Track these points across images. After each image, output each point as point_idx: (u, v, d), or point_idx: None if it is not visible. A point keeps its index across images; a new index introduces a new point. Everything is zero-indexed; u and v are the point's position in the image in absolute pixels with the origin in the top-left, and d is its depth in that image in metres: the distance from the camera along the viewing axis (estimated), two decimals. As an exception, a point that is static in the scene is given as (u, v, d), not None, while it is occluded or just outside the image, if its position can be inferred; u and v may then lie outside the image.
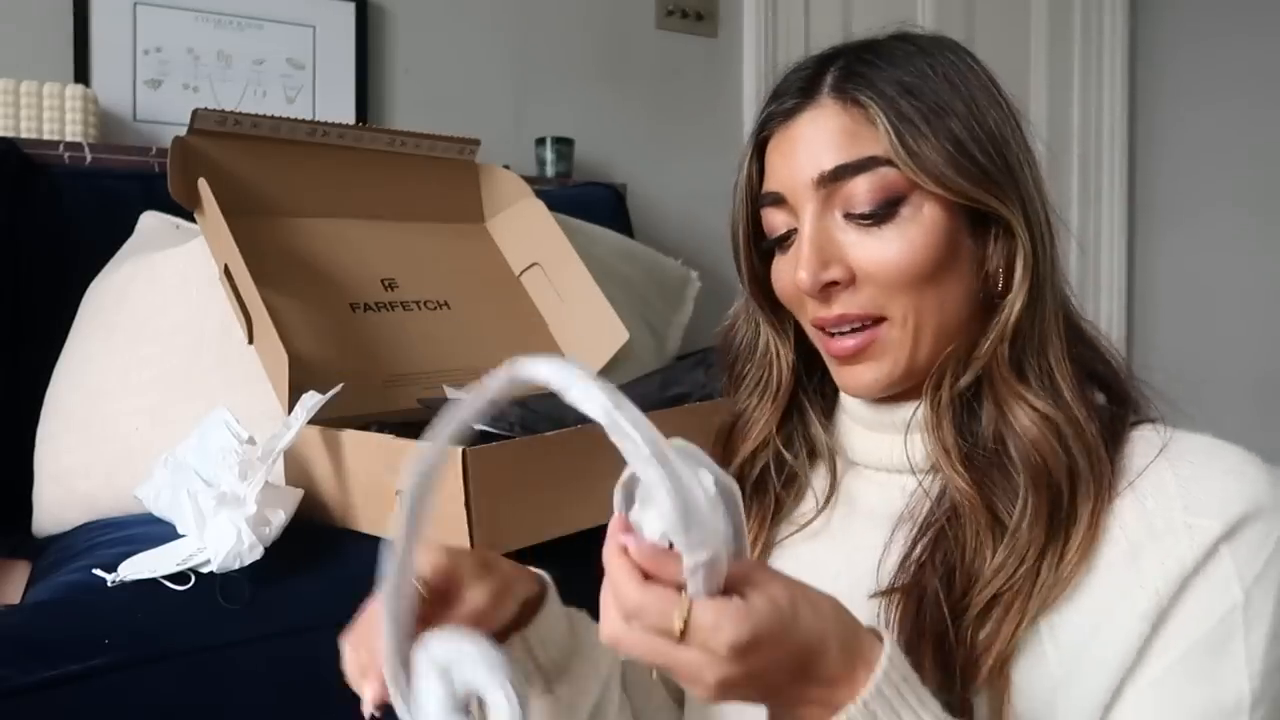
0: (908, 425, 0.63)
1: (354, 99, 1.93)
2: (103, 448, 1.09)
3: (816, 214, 0.61)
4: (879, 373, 0.62)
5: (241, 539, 0.82)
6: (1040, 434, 0.57)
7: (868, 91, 0.60)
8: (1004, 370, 0.59)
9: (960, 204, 0.60)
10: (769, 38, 2.33)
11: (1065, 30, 2.73)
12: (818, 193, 0.61)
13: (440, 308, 1.21)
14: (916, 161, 0.58)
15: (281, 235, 1.14)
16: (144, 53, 1.77)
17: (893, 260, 0.59)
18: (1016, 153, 0.61)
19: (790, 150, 0.62)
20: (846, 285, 0.61)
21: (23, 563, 1.06)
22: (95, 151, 1.52)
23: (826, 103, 0.61)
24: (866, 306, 0.61)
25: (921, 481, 0.62)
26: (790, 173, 0.62)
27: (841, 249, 0.61)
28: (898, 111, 0.59)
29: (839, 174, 0.60)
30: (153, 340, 1.12)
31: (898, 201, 0.59)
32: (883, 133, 0.59)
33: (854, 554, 0.64)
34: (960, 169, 0.59)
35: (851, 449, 0.68)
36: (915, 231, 0.59)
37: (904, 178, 0.59)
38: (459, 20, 2.04)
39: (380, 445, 0.90)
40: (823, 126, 0.61)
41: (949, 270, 0.60)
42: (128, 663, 0.75)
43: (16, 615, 0.83)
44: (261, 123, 1.14)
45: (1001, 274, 0.61)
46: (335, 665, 0.85)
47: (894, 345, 0.61)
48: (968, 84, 0.62)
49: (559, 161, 2.00)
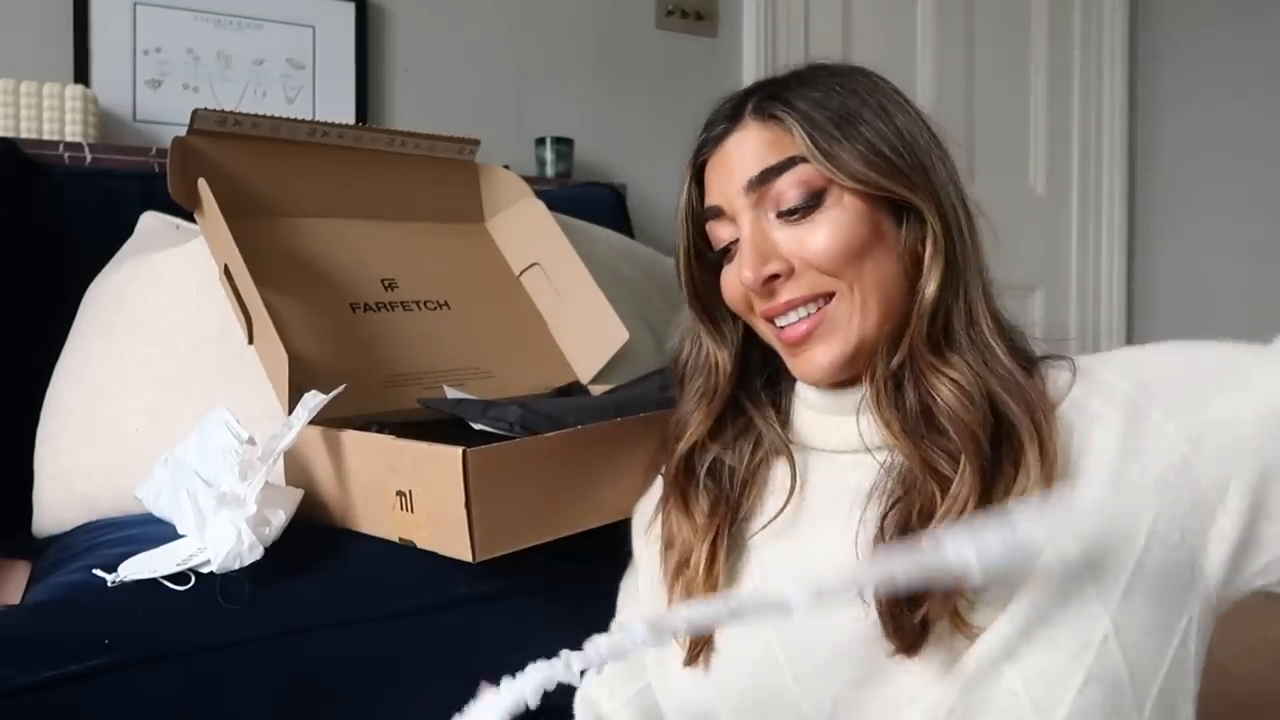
0: (858, 407, 0.69)
1: (354, 99, 1.93)
2: (103, 448, 1.09)
3: (751, 218, 0.69)
4: (832, 353, 0.68)
5: (241, 539, 0.82)
6: (956, 400, 0.64)
7: (783, 108, 0.68)
8: (921, 347, 0.66)
9: (876, 194, 0.67)
10: (769, 38, 2.33)
11: (1065, 30, 2.73)
12: (749, 197, 0.69)
13: (440, 308, 1.21)
14: (830, 160, 0.66)
15: (281, 235, 1.14)
16: (144, 53, 1.78)
17: (823, 243, 0.67)
18: (926, 150, 0.68)
19: (723, 166, 0.71)
20: (788, 276, 0.68)
21: (23, 563, 1.06)
22: (95, 151, 1.52)
23: (750, 123, 0.70)
24: (811, 288, 0.68)
25: (878, 458, 0.67)
26: (724, 185, 0.70)
27: (777, 245, 0.68)
28: (810, 120, 0.67)
29: (765, 177, 0.68)
30: (153, 340, 1.12)
31: (819, 195, 0.67)
32: (798, 139, 0.67)
33: (827, 540, 0.67)
34: (869, 164, 0.66)
35: (812, 437, 0.73)
36: (839, 216, 0.67)
37: (821, 175, 0.67)
38: (459, 20, 2.04)
39: (380, 445, 0.89)
40: (748, 142, 0.69)
41: (877, 251, 0.67)
42: (128, 663, 0.75)
43: (16, 615, 0.83)
44: (261, 123, 1.14)
45: (911, 258, 0.68)
46: (335, 665, 0.85)
47: (845, 318, 0.67)
48: (875, 95, 0.69)
49: (559, 161, 2.00)
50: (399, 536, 0.88)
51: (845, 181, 0.66)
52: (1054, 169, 2.74)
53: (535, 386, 1.19)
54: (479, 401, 1.02)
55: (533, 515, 0.86)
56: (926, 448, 0.63)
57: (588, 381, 1.25)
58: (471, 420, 0.93)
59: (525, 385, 1.18)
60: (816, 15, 2.42)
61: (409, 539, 0.87)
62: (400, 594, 0.88)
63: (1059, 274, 2.76)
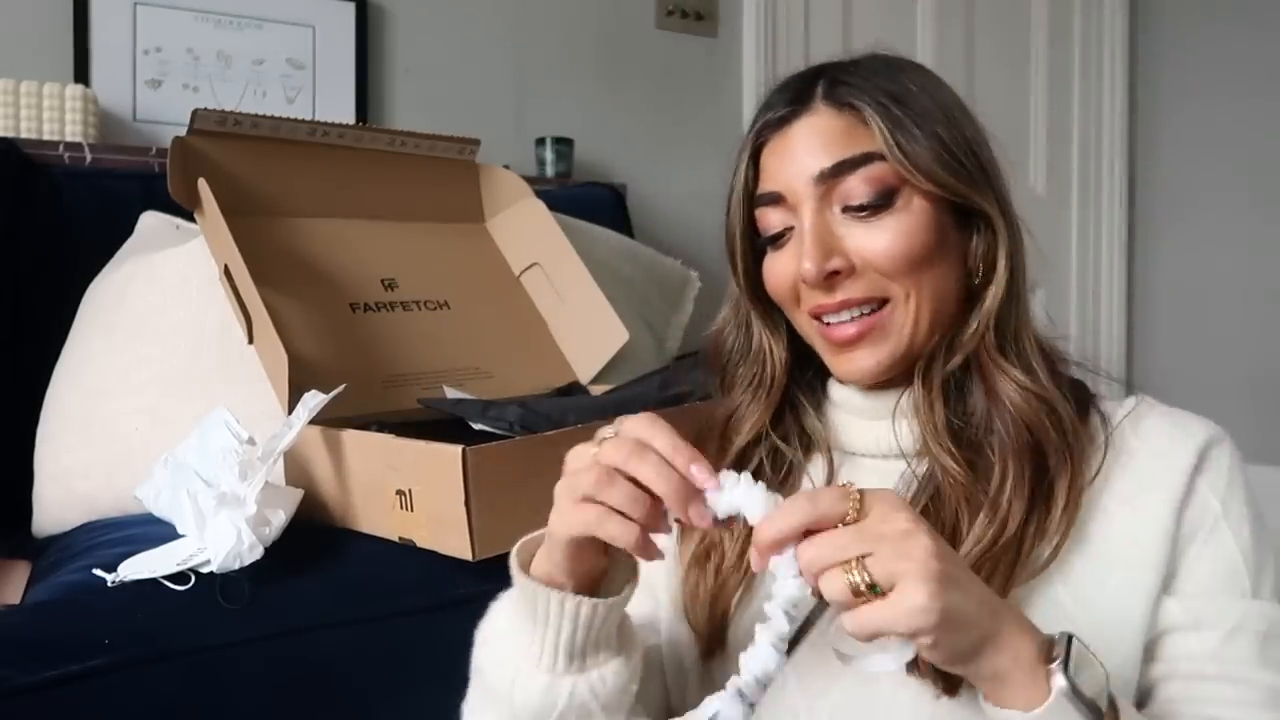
0: (894, 411, 0.67)
1: (354, 99, 1.93)
2: (103, 448, 1.09)
3: (816, 209, 0.65)
4: (879, 356, 0.66)
5: (241, 539, 0.82)
6: (1027, 406, 0.62)
7: (861, 97, 0.65)
8: (991, 352, 0.65)
9: (946, 199, 0.65)
10: (769, 38, 2.33)
11: (1065, 30, 2.73)
12: (817, 189, 0.65)
13: (440, 308, 1.21)
14: (909, 158, 0.64)
15: (281, 235, 1.14)
16: (144, 53, 1.77)
17: (890, 246, 0.64)
18: (989, 158, 0.68)
19: (788, 151, 0.67)
20: (848, 274, 0.65)
21: (23, 563, 1.06)
22: (95, 151, 1.52)
23: (821, 108, 0.66)
24: (869, 290, 0.65)
25: (911, 464, 0.66)
26: (790, 172, 0.66)
27: (841, 241, 0.65)
28: (888, 114, 0.65)
29: (839, 170, 0.64)
30: (153, 340, 1.12)
31: (891, 195, 0.64)
32: (876, 132, 0.64)
33: None
34: (946, 166, 0.64)
35: (844, 440, 0.71)
36: (908, 220, 0.64)
37: (896, 173, 0.64)
38: (459, 20, 2.04)
39: (380, 444, 0.89)
40: (820, 129, 0.66)
41: (941, 257, 0.66)
42: (128, 663, 0.75)
43: (16, 615, 0.83)
44: (261, 123, 1.14)
45: (982, 265, 0.67)
46: (335, 665, 0.85)
47: (897, 326, 0.65)
48: (943, 98, 0.68)
49: (559, 161, 2.00)
50: (399, 535, 0.88)
51: (921, 183, 0.64)
52: (1054, 169, 2.74)
53: (535, 387, 1.19)
54: (479, 401, 1.02)
55: (532, 514, 0.86)
56: (974, 461, 0.62)
57: (588, 381, 1.25)
58: (471, 420, 0.93)
59: (525, 385, 1.18)
60: (816, 15, 2.42)
61: (409, 538, 0.87)
62: (400, 594, 0.88)
63: (1059, 274, 2.76)
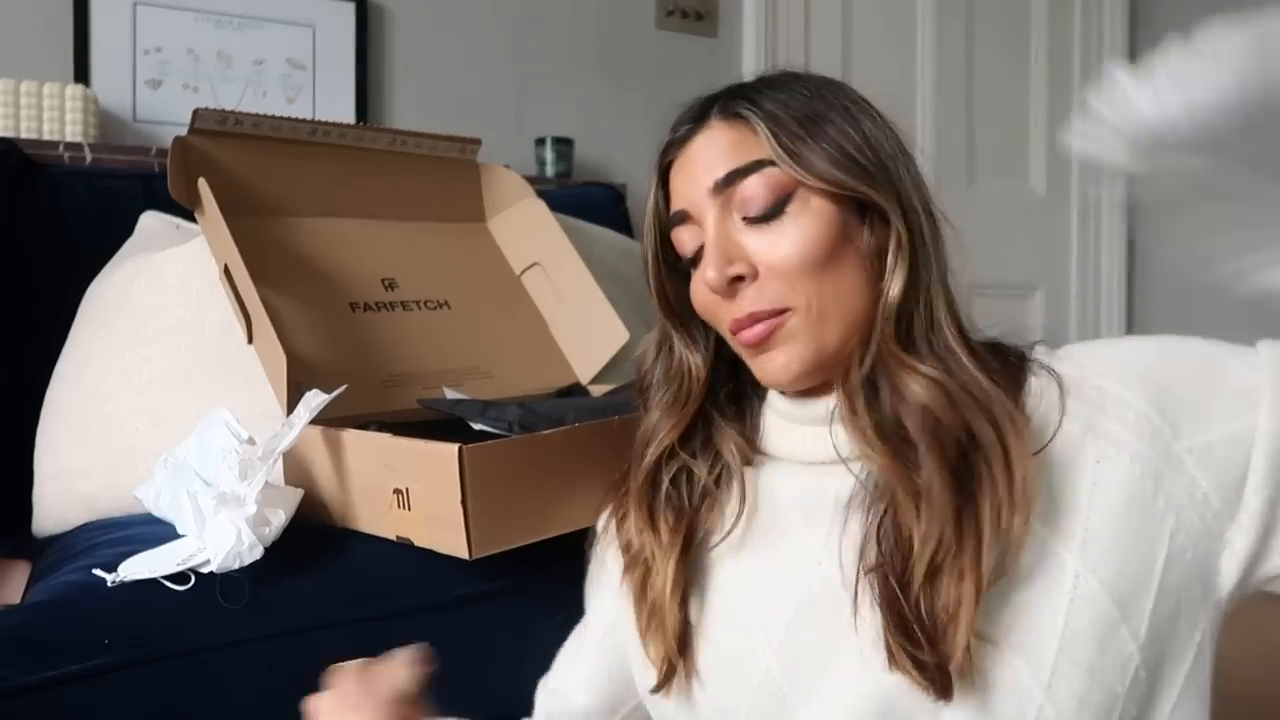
0: (830, 417, 0.67)
1: (354, 99, 1.93)
2: (103, 448, 1.09)
3: (717, 219, 0.67)
4: (790, 355, 0.66)
5: (241, 539, 0.82)
6: (929, 396, 0.62)
7: (748, 107, 0.68)
8: (891, 346, 0.65)
9: (842, 195, 0.66)
10: (769, 38, 2.33)
11: (1065, 30, 2.73)
12: (715, 199, 0.67)
13: (440, 308, 1.21)
14: (796, 160, 0.65)
15: (281, 235, 1.14)
16: (144, 53, 1.78)
17: (789, 250, 0.65)
18: (892, 154, 0.68)
19: (688, 168, 0.70)
20: (751, 280, 0.66)
21: (23, 563, 1.06)
22: (95, 151, 1.52)
23: (715, 124, 0.69)
24: (773, 300, 0.66)
25: (853, 469, 0.65)
26: (690, 188, 0.69)
27: (742, 248, 0.67)
28: (775, 120, 0.66)
29: (731, 179, 0.67)
30: (153, 340, 1.12)
31: (786, 199, 0.66)
32: (764, 139, 0.66)
33: (807, 551, 0.66)
34: (835, 163, 0.65)
35: (782, 448, 0.72)
36: (807, 221, 0.66)
37: (788, 176, 0.65)
38: (459, 20, 2.05)
39: (378, 443, 0.89)
40: (713, 143, 0.69)
41: (842, 257, 0.66)
42: (128, 663, 0.75)
43: (16, 615, 0.82)
44: (262, 123, 1.14)
45: (876, 259, 0.67)
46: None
47: (800, 332, 0.66)
48: (840, 99, 0.69)
49: (559, 161, 2.00)
50: (396, 534, 0.88)
51: (811, 182, 0.65)
52: (1054, 169, 2.74)
53: (535, 387, 1.19)
54: (478, 401, 1.02)
55: (529, 513, 0.86)
56: (901, 457, 0.61)
57: (588, 382, 1.25)
58: (471, 420, 0.93)
59: (525, 385, 1.18)
60: (816, 15, 2.42)
61: (406, 536, 0.87)
62: (400, 594, 0.88)
63: (1059, 274, 2.76)
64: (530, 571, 0.89)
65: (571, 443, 0.88)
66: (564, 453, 0.87)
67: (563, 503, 0.87)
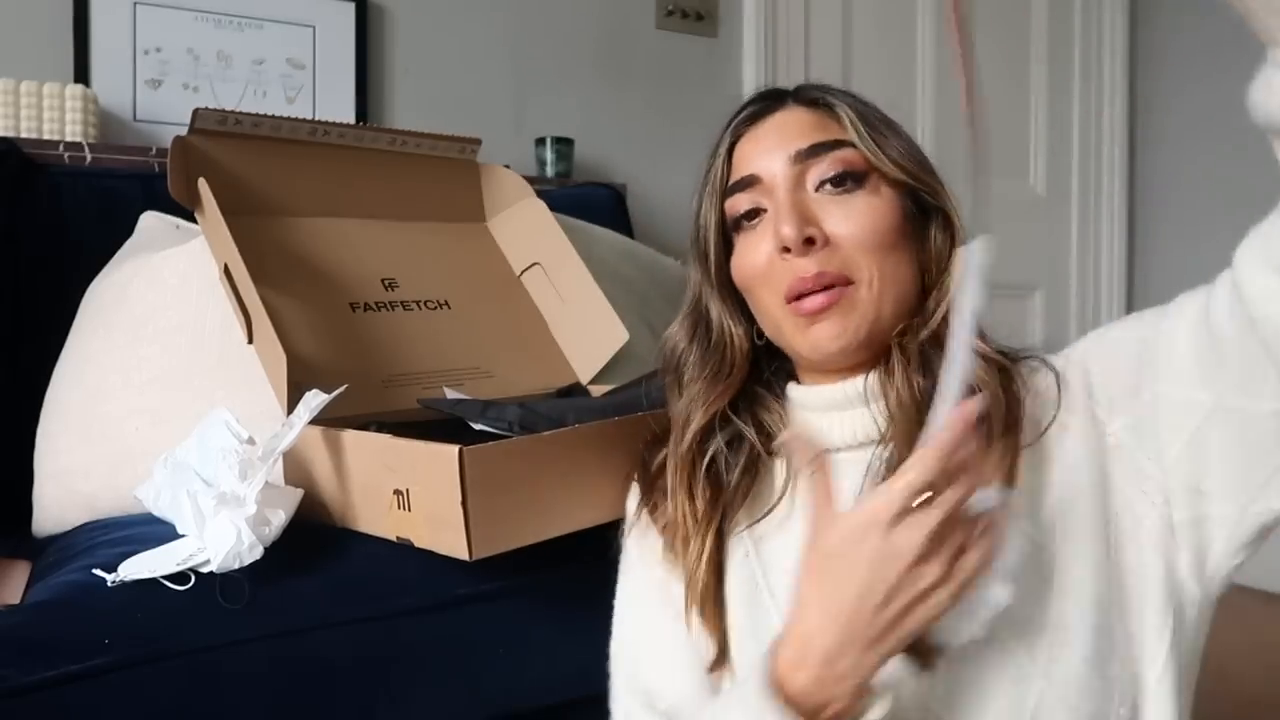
0: (864, 395, 0.70)
1: (354, 99, 1.93)
2: (103, 448, 1.09)
3: (791, 187, 0.70)
4: (844, 325, 0.68)
5: (241, 539, 0.82)
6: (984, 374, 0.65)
7: (830, 97, 0.72)
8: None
9: (910, 191, 0.70)
10: (769, 38, 2.33)
11: (1065, 30, 2.73)
12: (793, 169, 0.70)
13: (440, 308, 1.21)
14: (878, 146, 0.70)
15: (281, 235, 1.14)
16: (144, 53, 1.78)
17: (863, 223, 0.68)
18: (938, 169, 0.73)
19: (765, 139, 0.72)
20: (821, 246, 0.68)
21: (23, 563, 1.06)
22: (95, 151, 1.52)
23: (793, 106, 0.73)
24: (840, 267, 0.68)
25: (877, 450, 0.68)
26: (765, 157, 0.71)
27: (815, 215, 0.69)
28: (857, 111, 0.72)
29: (814, 150, 0.70)
30: (153, 340, 1.12)
31: (861, 178, 0.70)
32: (847, 124, 0.71)
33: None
34: (908, 158, 0.71)
35: (812, 436, 0.72)
36: (879, 203, 0.70)
37: (865, 160, 0.70)
38: (459, 20, 2.05)
39: (378, 444, 0.89)
40: (794, 119, 0.72)
41: (904, 244, 0.70)
42: (128, 663, 0.75)
43: (16, 615, 0.82)
44: (262, 122, 1.14)
45: (939, 259, 0.71)
46: (335, 665, 0.85)
47: (860, 305, 0.68)
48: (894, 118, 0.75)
49: (559, 161, 2.00)
50: (396, 535, 0.88)
51: (889, 169, 0.69)
52: (1054, 169, 2.74)
53: (535, 387, 1.19)
54: (478, 402, 1.02)
55: (530, 514, 0.86)
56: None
57: (588, 381, 1.25)
58: (471, 420, 0.93)
59: (525, 385, 1.18)
60: (816, 15, 2.42)
61: (406, 537, 0.87)
62: (400, 594, 0.88)
63: (1059, 274, 2.76)
64: (530, 572, 0.89)
65: (572, 443, 0.88)
66: (564, 453, 0.87)
67: (563, 503, 0.87)
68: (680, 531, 0.72)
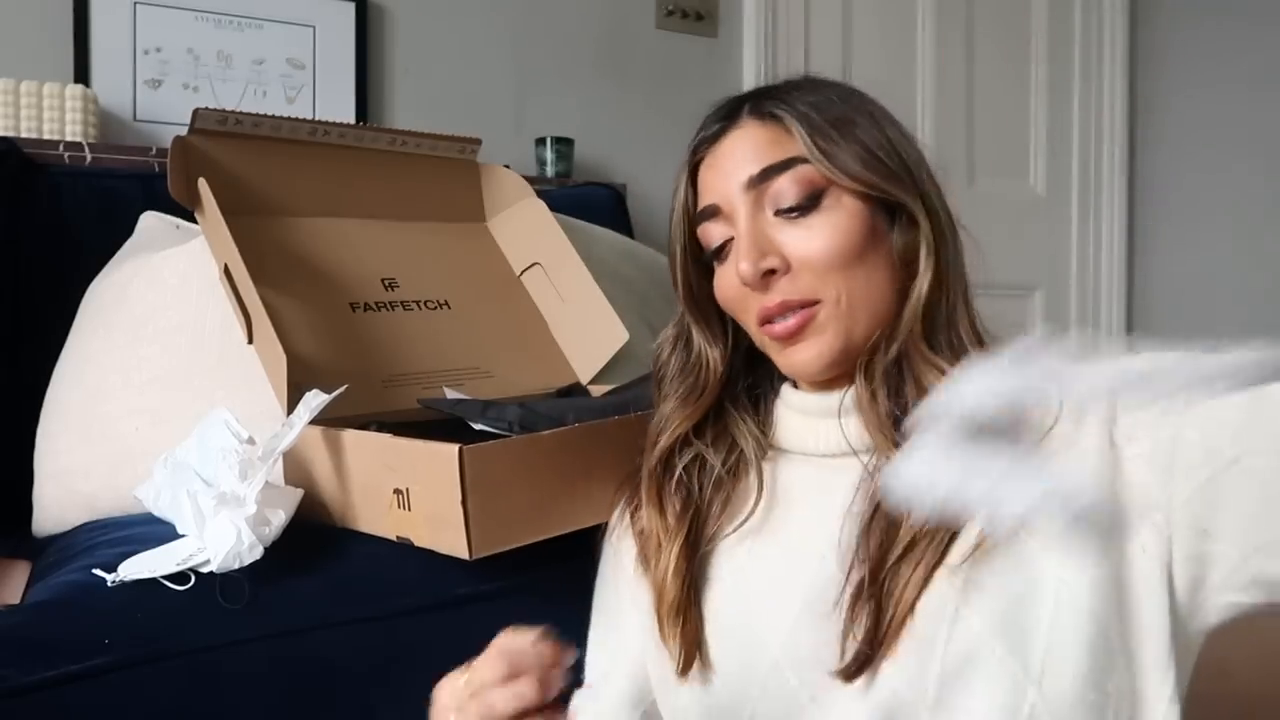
0: (839, 408, 0.69)
1: (354, 99, 1.93)
2: (103, 448, 1.09)
3: (749, 214, 0.69)
4: (820, 347, 0.68)
5: (241, 539, 0.82)
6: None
7: (782, 108, 0.70)
8: (919, 343, 0.67)
9: (873, 197, 0.68)
10: (769, 38, 2.33)
11: (1065, 30, 2.73)
12: (748, 195, 0.69)
13: (440, 307, 1.21)
14: (829, 159, 0.68)
15: (281, 235, 1.14)
16: (144, 53, 1.78)
17: (822, 245, 0.67)
18: (915, 159, 0.71)
19: (720, 164, 0.71)
20: (783, 273, 0.68)
21: (23, 563, 1.06)
22: (95, 151, 1.52)
23: (747, 122, 0.71)
24: (804, 292, 0.68)
25: (863, 460, 0.67)
26: (723, 183, 0.71)
27: (775, 242, 0.69)
28: (809, 121, 0.69)
29: (765, 175, 0.69)
30: (153, 340, 1.12)
31: (819, 195, 0.68)
32: (798, 138, 0.68)
33: (814, 540, 0.67)
34: (866, 164, 0.68)
35: (795, 441, 0.73)
36: (839, 218, 0.68)
37: (821, 174, 0.68)
38: (459, 20, 2.04)
39: (378, 443, 0.89)
40: (747, 140, 0.70)
41: (871, 254, 0.68)
42: (128, 663, 0.75)
43: (16, 615, 0.82)
44: (262, 122, 1.14)
45: (906, 259, 0.69)
46: (335, 665, 0.85)
47: (830, 323, 0.68)
48: (865, 106, 0.72)
49: (559, 161, 2.00)
50: (396, 534, 0.88)
51: (844, 181, 0.67)
52: (1054, 169, 2.74)
53: (535, 386, 1.19)
54: (478, 401, 1.02)
55: (529, 513, 0.86)
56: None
57: (588, 381, 1.25)
58: (471, 420, 0.93)
59: (525, 385, 1.18)
60: (816, 15, 2.42)
61: (406, 537, 0.87)
62: (400, 594, 0.88)
63: (1059, 274, 2.76)
64: (530, 571, 0.89)
65: (571, 443, 0.88)
66: (564, 453, 0.87)
67: (563, 503, 0.87)
68: (652, 541, 0.73)
